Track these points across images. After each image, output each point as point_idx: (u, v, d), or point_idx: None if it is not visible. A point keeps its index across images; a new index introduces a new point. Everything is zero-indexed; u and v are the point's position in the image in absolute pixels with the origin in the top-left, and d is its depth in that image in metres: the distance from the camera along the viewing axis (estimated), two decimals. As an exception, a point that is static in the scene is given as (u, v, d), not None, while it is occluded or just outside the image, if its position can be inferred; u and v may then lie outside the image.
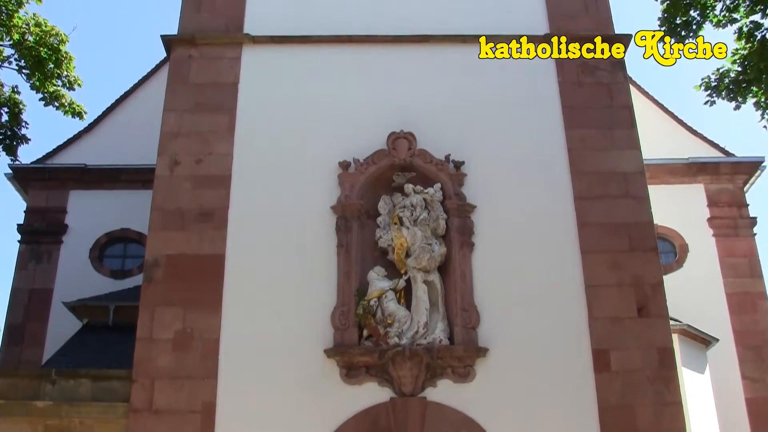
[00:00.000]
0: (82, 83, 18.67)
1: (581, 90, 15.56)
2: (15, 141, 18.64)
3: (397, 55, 15.81)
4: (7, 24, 17.55)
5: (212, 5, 16.39)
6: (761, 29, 13.06)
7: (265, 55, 15.85)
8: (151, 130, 16.13)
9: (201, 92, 15.43)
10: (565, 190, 14.76)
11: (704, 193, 21.70)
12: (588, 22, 16.30)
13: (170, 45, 15.97)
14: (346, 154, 14.72)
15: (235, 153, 14.91)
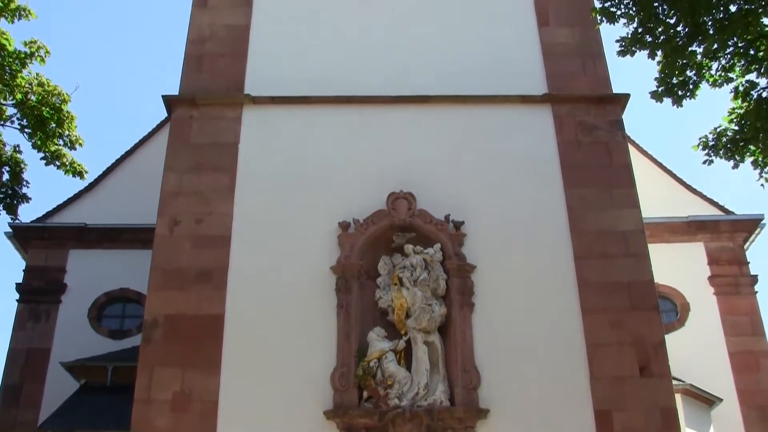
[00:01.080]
0: (83, 143, 18.71)
1: (580, 149, 15.66)
2: (16, 200, 18.60)
3: (397, 115, 15.95)
4: (10, 84, 17.65)
5: (213, 66, 16.57)
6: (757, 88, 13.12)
7: (266, 116, 16.00)
8: (151, 189, 16.16)
9: (201, 152, 15.52)
10: (565, 249, 14.75)
11: (704, 252, 21.65)
12: (586, 82, 16.48)
13: (171, 105, 16.11)
14: (346, 215, 14.76)
15: (235, 213, 14.94)
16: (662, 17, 12.52)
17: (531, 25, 17.17)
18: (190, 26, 17.02)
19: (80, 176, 18.88)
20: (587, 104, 16.09)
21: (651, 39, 12.68)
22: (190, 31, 16.95)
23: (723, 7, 12.10)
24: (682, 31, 12.46)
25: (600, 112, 16.03)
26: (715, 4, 12.04)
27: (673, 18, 12.44)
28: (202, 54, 16.70)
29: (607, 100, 16.15)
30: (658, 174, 22.65)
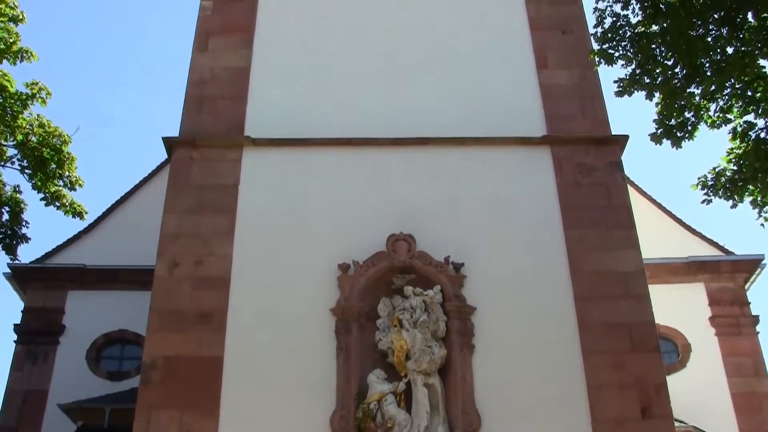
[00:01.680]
0: (83, 183, 18.74)
1: (579, 190, 15.68)
2: (15, 240, 18.59)
3: (397, 157, 15.99)
4: (11, 125, 17.72)
5: (213, 108, 16.64)
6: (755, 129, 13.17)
7: (266, 157, 16.03)
8: (150, 231, 16.14)
9: (201, 194, 15.53)
10: (565, 291, 14.71)
11: (705, 292, 21.60)
12: (585, 123, 16.55)
13: (171, 147, 16.15)
14: (346, 256, 14.73)
15: (235, 255, 14.92)
16: (660, 59, 12.61)
17: (530, 68, 17.28)
18: (190, 69, 17.13)
19: (80, 217, 18.89)
20: (586, 146, 16.15)
21: (649, 80, 12.76)
22: (191, 74, 17.05)
23: (720, 48, 12.19)
24: (680, 73, 12.54)
25: (599, 153, 16.08)
26: (712, 46, 12.13)
27: (671, 60, 12.52)
28: (202, 96, 16.78)
29: (606, 142, 16.22)
30: (658, 215, 22.68)
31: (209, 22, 17.84)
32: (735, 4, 11.66)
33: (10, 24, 17.60)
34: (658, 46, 12.56)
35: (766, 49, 11.87)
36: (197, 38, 17.63)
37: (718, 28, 12.09)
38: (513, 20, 18.08)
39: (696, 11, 11.93)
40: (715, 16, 12.01)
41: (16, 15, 17.66)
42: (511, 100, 16.86)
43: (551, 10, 17.95)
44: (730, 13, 11.85)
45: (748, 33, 11.99)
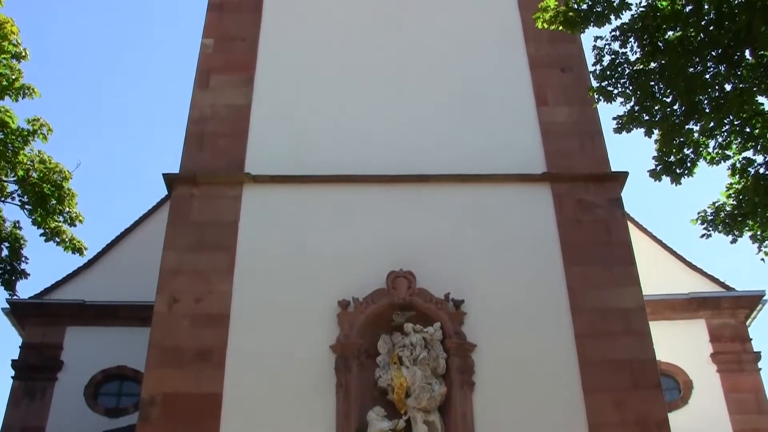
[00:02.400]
0: (83, 219, 18.73)
1: (580, 227, 15.69)
2: (14, 276, 18.56)
3: (397, 194, 16.01)
4: (12, 161, 17.75)
5: (214, 145, 16.69)
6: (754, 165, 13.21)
7: (266, 194, 16.06)
8: (150, 267, 16.10)
9: (201, 231, 15.54)
10: (566, 328, 14.66)
11: (706, 329, 21.48)
12: (585, 160, 16.59)
13: (172, 183, 16.18)
14: (346, 293, 14.70)
15: (235, 291, 14.89)
16: (659, 96, 12.70)
17: (529, 105, 17.36)
18: (191, 106, 17.20)
19: (79, 253, 18.87)
20: (586, 183, 16.19)
21: (648, 117, 12.84)
22: (192, 111, 17.12)
23: (718, 86, 12.28)
24: (679, 110, 12.62)
25: (599, 190, 16.11)
26: (710, 83, 12.21)
27: (670, 97, 12.60)
28: (202, 133, 16.84)
29: (606, 179, 16.26)
30: (658, 251, 22.63)
31: (210, 60, 17.96)
32: (732, 42, 11.74)
33: (12, 61, 17.71)
34: (657, 84, 12.65)
35: (763, 86, 11.96)
36: (198, 76, 17.73)
37: (716, 66, 12.18)
38: (512, 58, 18.18)
39: (694, 49, 12.02)
40: (713, 54, 12.10)
41: (19, 52, 17.77)
42: (511, 137, 16.92)
43: (550, 48, 18.04)
44: (727, 51, 11.93)
45: (745, 70, 12.08)
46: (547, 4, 13.44)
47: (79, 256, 18.99)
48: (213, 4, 18.96)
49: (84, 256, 19.41)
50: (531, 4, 16.58)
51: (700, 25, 11.99)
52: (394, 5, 19.31)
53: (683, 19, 12.11)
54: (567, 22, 13.09)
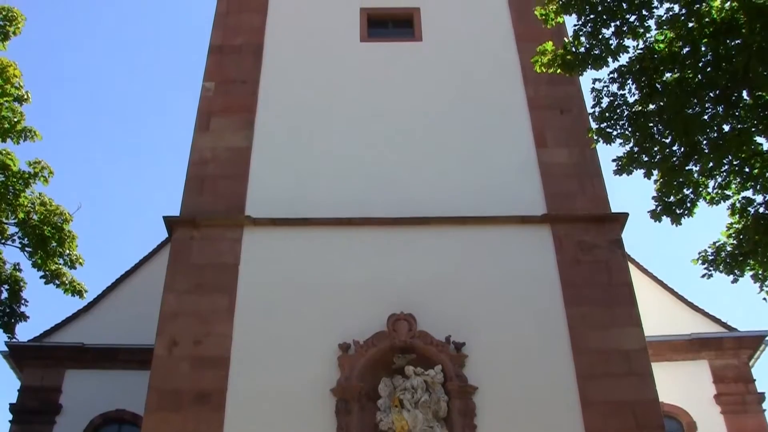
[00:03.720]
0: (83, 262, 18.73)
1: (580, 268, 15.66)
2: (13, 319, 18.52)
3: (397, 236, 16.02)
4: (13, 203, 17.80)
5: (214, 188, 16.72)
6: (754, 204, 13.22)
7: (266, 237, 16.07)
8: (150, 310, 16.09)
9: (201, 273, 15.51)
10: (567, 369, 14.57)
11: (709, 369, 21.35)
12: (585, 202, 16.62)
13: (172, 226, 16.18)
14: (346, 336, 14.65)
15: (235, 334, 14.82)
16: (658, 137, 12.72)
17: (529, 147, 17.43)
18: (192, 149, 17.29)
19: (79, 295, 18.84)
20: (586, 224, 16.20)
21: (647, 158, 12.84)
22: (192, 154, 17.20)
23: (717, 126, 12.31)
24: (678, 151, 12.64)
25: (599, 231, 16.11)
26: (709, 124, 12.24)
27: (669, 138, 12.63)
28: (203, 176, 16.89)
29: (606, 220, 16.27)
30: (659, 292, 22.56)
31: (211, 103, 18.06)
32: (730, 83, 11.80)
33: (15, 104, 17.82)
34: (656, 125, 12.68)
35: (762, 126, 11.99)
36: (199, 118, 17.82)
37: (714, 107, 12.22)
38: (512, 100, 18.30)
39: (692, 90, 12.07)
40: (711, 95, 12.15)
41: (21, 95, 17.89)
42: (511, 178, 16.97)
43: (549, 90, 18.13)
44: (725, 92, 11.99)
45: (743, 111, 12.13)
46: (545, 48, 13.53)
47: (79, 298, 18.97)
48: (214, 48, 19.13)
49: (84, 299, 19.38)
50: (529, 47, 16.70)
51: (698, 66, 12.06)
52: (394, 49, 19.50)
53: (680, 61, 12.19)
54: (565, 65, 13.17)
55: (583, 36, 12.80)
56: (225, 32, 19.50)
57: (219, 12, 19.97)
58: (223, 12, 19.95)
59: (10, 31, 17.93)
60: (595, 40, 12.72)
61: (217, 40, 19.33)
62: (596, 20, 12.60)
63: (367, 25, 19.97)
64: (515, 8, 19.86)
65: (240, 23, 19.71)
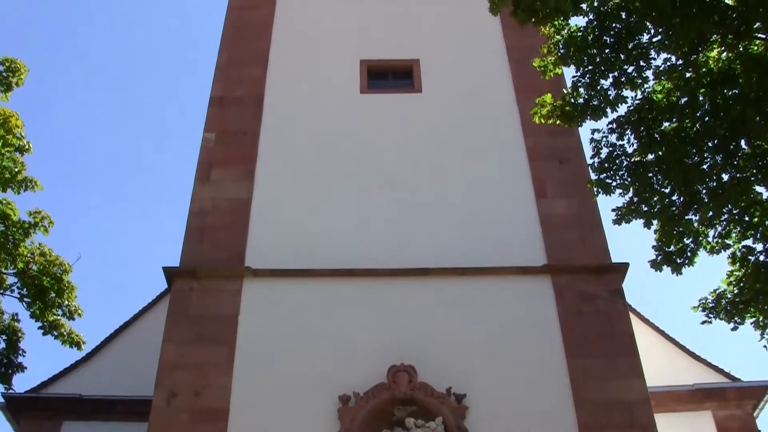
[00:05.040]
0: (82, 313, 18.65)
1: (581, 319, 15.58)
2: (11, 369, 18.40)
3: (397, 287, 15.96)
4: (12, 253, 17.78)
5: (214, 238, 16.71)
6: (754, 253, 13.21)
7: (266, 288, 16.00)
8: (148, 361, 15.94)
9: (201, 324, 15.42)
10: (569, 421, 14.40)
11: (713, 420, 21.09)
12: (585, 252, 16.58)
13: (172, 277, 16.13)
14: (346, 387, 14.50)
15: (234, 386, 14.68)
16: (657, 187, 12.77)
17: (529, 197, 17.45)
18: (192, 199, 17.31)
19: (77, 347, 18.74)
20: (587, 274, 16.15)
21: (647, 208, 12.87)
22: (193, 204, 17.22)
23: (716, 175, 12.36)
24: (678, 200, 12.67)
25: (600, 281, 16.06)
26: (708, 173, 12.29)
27: (668, 187, 12.67)
28: (203, 226, 16.89)
29: (607, 270, 16.22)
30: (661, 341, 22.40)
31: (212, 154, 18.13)
32: (728, 132, 11.87)
33: (16, 154, 17.89)
34: (655, 175, 12.73)
35: (760, 175, 12.03)
36: (199, 169, 17.87)
37: (713, 156, 12.28)
38: (512, 151, 18.36)
39: (690, 140, 12.15)
40: (710, 144, 12.22)
41: (22, 145, 17.96)
42: (511, 229, 16.96)
43: (549, 141, 18.19)
44: (723, 141, 12.07)
45: (742, 160, 12.19)
46: (544, 100, 13.64)
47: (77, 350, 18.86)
48: (214, 99, 19.27)
49: (82, 350, 19.25)
50: (529, 98, 16.81)
51: (696, 116, 12.14)
52: (394, 100, 19.65)
53: (678, 111, 12.28)
54: (564, 116, 13.26)
55: (581, 87, 12.91)
56: (226, 84, 19.65)
57: (220, 64, 20.15)
58: (224, 64, 20.13)
59: (13, 82, 18.08)
60: (594, 91, 12.82)
61: (218, 92, 19.47)
62: (594, 71, 12.71)
63: (367, 77, 20.14)
64: (514, 60, 20.03)
65: (241, 75, 19.88)
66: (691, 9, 11.09)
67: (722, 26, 11.24)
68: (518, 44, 19.99)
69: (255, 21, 21.30)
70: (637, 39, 12.35)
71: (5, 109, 17.76)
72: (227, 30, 21.11)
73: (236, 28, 21.11)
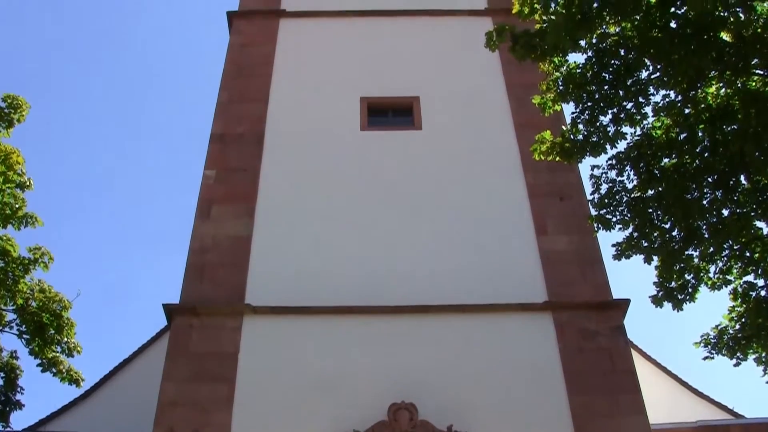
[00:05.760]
0: (81, 350, 18.60)
1: (583, 356, 15.49)
2: (9, 407, 18.30)
3: (397, 325, 15.87)
4: (12, 289, 17.77)
5: (214, 276, 16.67)
6: (755, 288, 13.20)
7: (266, 325, 15.92)
8: (148, 399, 15.83)
9: (201, 362, 15.32)
10: (572, 459, 14.33)
11: (717, 458, 20.99)
12: (586, 289, 16.53)
13: (171, 314, 16.07)
14: (347, 425, 14.32)
15: (234, 424, 14.54)
16: (657, 222, 12.77)
17: (529, 234, 17.43)
18: (192, 236, 17.29)
19: (76, 384, 18.67)
20: (588, 311, 16.08)
21: (647, 244, 12.88)
22: (193, 241, 17.20)
23: (716, 211, 12.38)
24: (678, 236, 12.69)
25: (601, 318, 15.99)
26: (708, 209, 12.31)
27: (668, 223, 12.68)
28: (203, 263, 16.85)
29: (608, 306, 16.16)
30: (663, 378, 22.30)
31: (212, 191, 18.15)
32: (727, 168, 11.91)
33: (17, 190, 17.94)
34: (655, 210, 12.75)
35: (760, 210, 12.05)
36: (200, 206, 17.87)
37: (713, 191, 12.31)
38: (512, 187, 18.37)
39: (690, 175, 12.18)
40: (709, 180, 12.25)
41: (23, 182, 18.03)
42: (512, 266, 16.93)
43: (549, 177, 18.22)
44: (723, 176, 12.10)
45: (742, 195, 12.22)
46: (544, 137, 13.68)
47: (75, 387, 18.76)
48: (215, 136, 19.33)
49: (80, 387, 19.16)
50: (528, 134, 16.90)
51: (695, 152, 12.19)
52: (394, 137, 19.71)
53: (678, 147, 12.33)
54: (563, 152, 13.28)
55: (580, 123, 12.95)
56: (226, 121, 19.73)
57: (221, 101, 20.25)
58: (224, 101, 20.23)
59: (15, 119, 18.20)
60: (593, 128, 12.86)
61: (219, 129, 19.54)
62: (593, 108, 12.76)
63: (367, 114, 20.20)
64: (514, 96, 20.12)
65: (241, 112, 19.97)
66: (689, 46, 11.17)
67: (720, 62, 11.29)
68: (518, 81, 20.11)
69: (256, 58, 21.45)
70: (636, 75, 12.41)
71: (6, 146, 17.86)
72: (228, 67, 21.24)
73: (237, 66, 21.25)
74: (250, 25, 22.54)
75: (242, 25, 22.55)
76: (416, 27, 22.63)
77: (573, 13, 11.80)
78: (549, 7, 12.36)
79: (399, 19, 22.86)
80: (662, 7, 11.59)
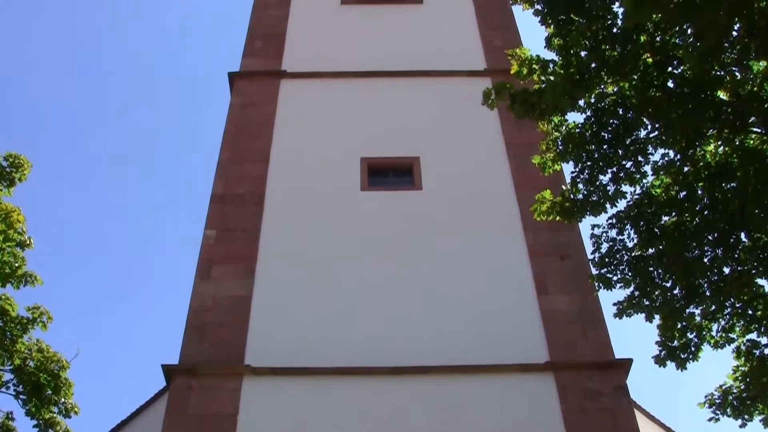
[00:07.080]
0: (78, 411, 18.33)
1: (586, 417, 15.32)
2: (3, 471, 18.03)
3: (398, 386, 15.73)
4: (9, 349, 17.60)
5: (214, 336, 16.57)
6: (759, 347, 13.12)
7: (266, 386, 15.79)
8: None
9: (200, 423, 15.13)
10: None
11: None
12: (588, 348, 16.43)
13: (170, 374, 15.96)
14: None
15: (233, 485, 14.42)
16: (658, 281, 12.73)
17: (530, 294, 17.38)
18: (192, 296, 17.25)
19: (74, 448, 18.38)
20: (590, 371, 15.97)
21: (648, 302, 12.82)
22: (193, 301, 17.15)
23: (717, 269, 12.36)
24: (679, 294, 12.63)
25: (603, 378, 15.86)
26: (709, 267, 12.29)
27: (669, 281, 12.64)
28: (203, 324, 16.77)
29: (610, 366, 16.04)
30: (667, 438, 22.08)
31: (212, 251, 18.15)
32: (728, 225, 11.91)
33: (17, 249, 17.91)
34: (656, 269, 12.71)
35: (762, 268, 12.02)
36: (200, 266, 17.86)
37: (714, 249, 12.30)
38: (512, 247, 18.37)
39: (690, 233, 12.18)
40: (710, 238, 12.24)
41: (23, 240, 17.98)
42: (513, 326, 16.83)
43: (549, 237, 18.22)
44: (724, 234, 12.09)
45: (743, 253, 12.20)
46: (543, 196, 13.70)
47: (73, 450, 18.49)
48: (216, 196, 19.39)
49: (78, 452, 18.89)
50: (528, 194, 16.95)
51: (695, 209, 12.20)
52: (394, 198, 19.78)
53: (677, 205, 12.35)
54: (563, 212, 13.29)
55: (580, 183, 12.98)
56: (227, 181, 19.82)
57: (221, 161, 20.37)
58: (225, 161, 20.35)
59: (16, 178, 18.26)
60: (593, 187, 12.89)
61: (219, 189, 19.62)
62: (593, 167, 12.80)
63: (367, 174, 20.29)
64: (513, 156, 20.21)
65: (242, 173, 20.06)
66: (687, 105, 11.26)
67: (718, 121, 11.38)
68: (517, 141, 20.23)
69: (257, 119, 21.62)
70: (635, 134, 12.49)
71: (7, 204, 17.87)
72: (229, 127, 21.40)
73: (238, 126, 21.41)
74: (251, 86, 22.78)
75: (243, 86, 22.78)
76: (416, 88, 22.85)
77: (571, 73, 11.94)
78: (547, 68, 12.50)
79: (399, 80, 23.08)
80: (659, 66, 11.72)
